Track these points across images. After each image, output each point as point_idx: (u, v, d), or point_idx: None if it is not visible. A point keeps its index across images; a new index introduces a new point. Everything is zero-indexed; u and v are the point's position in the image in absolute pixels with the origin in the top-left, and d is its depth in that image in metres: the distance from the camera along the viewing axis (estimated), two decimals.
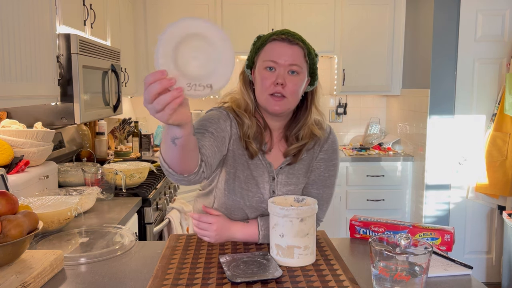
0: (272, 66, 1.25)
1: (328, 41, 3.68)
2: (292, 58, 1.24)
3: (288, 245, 1.13)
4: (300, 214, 1.12)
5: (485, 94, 3.20)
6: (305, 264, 1.14)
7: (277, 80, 1.23)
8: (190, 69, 0.87)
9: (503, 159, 3.04)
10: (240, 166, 1.32)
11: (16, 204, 1.15)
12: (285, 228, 1.13)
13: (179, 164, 1.04)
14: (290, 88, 1.24)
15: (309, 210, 1.14)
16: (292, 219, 1.12)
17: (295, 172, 1.35)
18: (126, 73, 3.17)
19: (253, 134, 1.30)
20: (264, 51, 1.27)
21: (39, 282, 1.06)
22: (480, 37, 3.15)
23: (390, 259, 0.93)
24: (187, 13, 3.61)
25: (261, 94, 1.27)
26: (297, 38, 1.28)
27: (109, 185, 2.15)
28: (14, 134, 1.92)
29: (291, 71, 1.25)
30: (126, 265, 1.21)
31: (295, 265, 1.14)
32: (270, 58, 1.25)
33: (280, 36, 1.26)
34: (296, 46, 1.26)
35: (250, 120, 1.30)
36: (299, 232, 1.13)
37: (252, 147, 1.30)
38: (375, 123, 4.13)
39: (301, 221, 1.12)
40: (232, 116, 1.32)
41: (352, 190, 3.58)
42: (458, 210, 3.32)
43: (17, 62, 1.56)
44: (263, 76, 1.26)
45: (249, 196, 1.32)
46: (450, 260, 1.18)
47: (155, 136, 3.92)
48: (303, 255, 1.14)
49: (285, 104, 1.26)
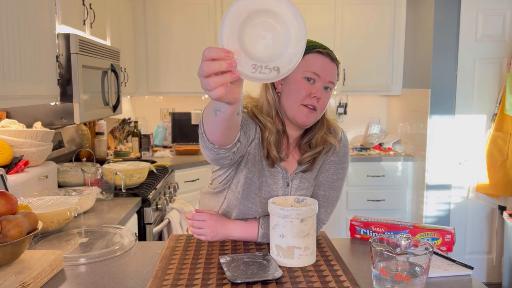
0: (313, 78, 1.23)
1: (328, 41, 3.68)
2: (332, 75, 1.25)
3: (288, 245, 1.13)
4: (300, 214, 1.12)
5: (486, 94, 3.20)
6: (305, 264, 1.14)
7: (315, 93, 1.22)
8: (257, 49, 0.79)
9: (504, 159, 3.04)
10: (257, 172, 1.29)
11: (16, 204, 1.15)
12: (286, 228, 1.12)
13: (214, 134, 1.02)
14: (323, 103, 1.25)
15: (310, 210, 1.13)
16: (293, 220, 1.12)
17: (307, 176, 1.34)
18: (125, 73, 3.16)
19: (274, 140, 1.28)
20: (306, 60, 1.23)
21: (39, 283, 1.06)
22: (480, 37, 3.15)
23: (391, 259, 0.92)
24: (187, 13, 3.61)
25: (294, 102, 1.24)
26: (335, 56, 1.28)
27: (108, 185, 2.15)
28: (13, 134, 1.92)
29: (326, 88, 1.25)
30: (126, 265, 1.21)
31: (295, 265, 1.14)
32: (313, 70, 1.23)
33: (324, 50, 1.25)
34: (335, 64, 1.27)
35: (272, 124, 1.28)
36: (300, 233, 1.12)
37: (273, 154, 1.27)
38: (375, 123, 4.12)
39: (302, 221, 1.12)
40: (251, 121, 1.28)
41: (352, 190, 3.58)
42: (459, 210, 3.32)
43: (17, 62, 1.55)
44: (301, 85, 1.23)
45: (262, 203, 1.30)
46: (450, 260, 1.17)
47: (155, 136, 3.91)
48: (303, 255, 1.13)
49: (314, 117, 1.26)
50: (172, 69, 3.67)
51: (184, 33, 3.63)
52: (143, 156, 3.48)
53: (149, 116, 4.08)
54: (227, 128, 0.99)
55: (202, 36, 3.62)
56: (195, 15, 3.62)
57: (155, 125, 4.03)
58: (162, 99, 4.07)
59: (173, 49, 3.65)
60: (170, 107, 4.08)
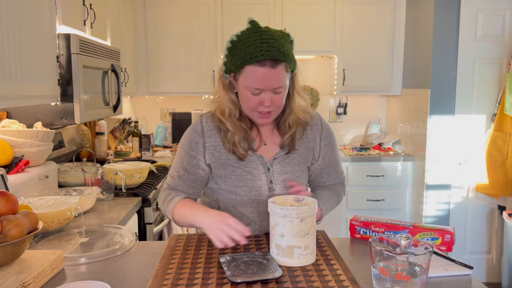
0: (257, 92, 1.23)
1: (328, 41, 3.68)
2: (276, 82, 1.21)
3: (288, 245, 1.13)
4: (300, 214, 1.12)
5: (485, 94, 3.20)
6: (305, 264, 1.14)
7: (264, 103, 1.23)
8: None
9: (504, 159, 3.04)
10: (230, 168, 1.35)
11: (16, 204, 1.15)
12: (285, 228, 1.13)
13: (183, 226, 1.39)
14: (277, 104, 1.26)
15: (309, 210, 1.14)
16: (292, 219, 1.12)
17: (290, 161, 1.38)
18: (126, 73, 3.17)
19: (239, 139, 1.32)
20: (245, 74, 1.21)
21: (39, 282, 1.06)
22: (480, 37, 3.15)
23: (390, 259, 0.93)
24: (187, 13, 3.61)
25: (248, 110, 1.30)
26: (278, 57, 1.17)
27: (109, 185, 2.15)
28: (14, 134, 1.92)
29: (274, 92, 1.24)
30: (126, 265, 1.21)
31: (295, 265, 1.14)
32: (254, 86, 1.21)
33: (262, 62, 1.17)
34: (279, 67, 1.19)
35: (234, 126, 1.32)
36: (299, 232, 1.13)
37: (239, 152, 1.32)
38: (375, 123, 4.13)
39: (301, 221, 1.12)
40: (207, 129, 1.36)
41: (352, 190, 3.58)
42: (459, 210, 3.32)
43: (17, 62, 1.56)
44: (248, 97, 1.25)
45: (246, 191, 1.35)
46: (450, 260, 1.18)
47: (155, 136, 3.92)
48: (303, 255, 1.14)
49: (272, 116, 1.31)
50: (172, 69, 3.67)
51: (184, 33, 3.63)
52: (144, 156, 3.49)
53: (149, 116, 4.08)
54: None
55: (202, 36, 3.63)
56: (195, 15, 3.62)
57: (155, 125, 4.04)
58: (162, 99, 4.08)
59: (173, 49, 3.65)
60: (170, 107, 4.08)
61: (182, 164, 1.38)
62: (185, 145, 1.39)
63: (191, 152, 1.37)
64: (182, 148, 1.39)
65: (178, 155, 1.41)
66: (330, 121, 4.17)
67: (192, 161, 1.37)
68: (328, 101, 4.16)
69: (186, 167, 1.37)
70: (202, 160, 1.36)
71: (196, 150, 1.36)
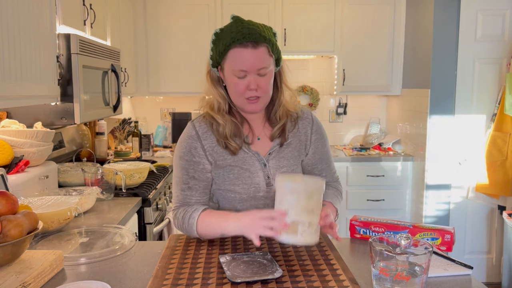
0: (242, 75, 1.25)
1: (328, 41, 3.68)
2: (260, 62, 1.24)
3: (292, 220, 1.10)
4: (308, 189, 1.11)
5: (485, 94, 3.20)
6: (308, 242, 1.12)
7: (250, 86, 1.26)
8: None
9: (504, 159, 3.04)
10: (228, 167, 1.35)
11: (16, 204, 1.15)
12: (291, 202, 1.10)
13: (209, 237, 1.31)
14: (263, 88, 1.28)
15: (318, 187, 1.13)
16: (300, 194, 1.10)
17: (285, 155, 1.39)
18: (126, 73, 3.17)
19: (230, 132, 1.33)
20: (230, 58, 1.25)
21: (39, 282, 1.06)
22: (480, 37, 3.15)
23: (390, 259, 0.93)
24: (187, 13, 3.61)
25: (237, 98, 1.31)
26: (259, 38, 1.23)
27: (109, 185, 2.15)
28: (14, 134, 1.92)
29: (260, 74, 1.26)
30: (126, 265, 1.21)
31: (298, 242, 1.11)
32: (238, 68, 1.25)
33: (243, 42, 1.22)
34: (260, 48, 1.24)
35: (224, 118, 1.33)
36: (305, 208, 1.10)
37: (231, 145, 1.33)
38: (375, 123, 4.13)
39: (309, 197, 1.10)
40: (202, 132, 1.35)
41: (352, 190, 3.58)
42: (458, 210, 3.32)
43: (17, 62, 1.56)
44: (234, 82, 1.27)
45: (245, 188, 1.36)
46: (450, 260, 1.18)
47: (155, 136, 3.92)
48: (307, 232, 1.11)
49: (261, 102, 1.31)
50: (172, 69, 3.67)
51: (184, 33, 3.63)
52: (143, 156, 3.49)
53: (150, 116, 4.08)
54: None
55: (202, 36, 3.63)
56: (195, 15, 3.62)
57: (155, 125, 4.04)
58: (163, 99, 4.08)
59: (173, 49, 3.65)
60: (170, 107, 4.08)
61: (189, 175, 1.34)
62: (184, 154, 1.35)
63: (194, 159, 1.34)
64: (181, 159, 1.36)
65: (179, 169, 1.36)
66: (330, 121, 4.17)
67: (198, 168, 1.34)
68: (328, 101, 4.16)
69: (194, 176, 1.34)
70: (207, 163, 1.35)
71: (198, 156, 1.35)
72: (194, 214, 1.30)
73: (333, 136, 4.19)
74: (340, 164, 3.51)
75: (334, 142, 4.19)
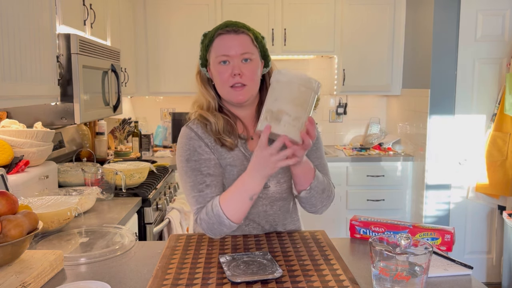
0: (225, 60, 1.28)
1: (328, 41, 3.68)
2: (242, 47, 1.28)
3: (279, 109, 1.07)
4: (303, 80, 1.08)
5: (485, 94, 3.20)
6: (288, 134, 1.08)
7: (233, 71, 1.27)
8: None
9: (504, 159, 3.04)
10: (227, 167, 1.34)
11: (16, 204, 1.15)
12: (282, 92, 1.08)
13: (242, 216, 1.23)
14: (247, 75, 1.28)
15: (312, 83, 1.10)
16: (292, 83, 1.07)
17: None
18: (126, 73, 3.17)
19: (222, 127, 1.33)
20: (214, 47, 1.30)
21: (39, 282, 1.06)
22: (480, 37, 3.15)
23: (390, 259, 0.93)
24: (187, 13, 3.61)
25: (222, 88, 1.31)
26: (241, 27, 1.30)
27: (109, 185, 2.15)
28: (14, 134, 1.92)
29: (244, 59, 1.28)
30: (126, 265, 1.21)
31: (278, 131, 1.08)
32: (221, 53, 1.28)
33: (225, 29, 1.29)
34: (242, 35, 1.29)
35: (215, 116, 1.34)
36: (295, 99, 1.07)
37: (227, 141, 1.32)
38: (375, 123, 4.13)
39: (301, 89, 1.08)
40: (200, 132, 1.34)
41: (352, 190, 3.58)
42: (458, 210, 3.32)
43: (17, 62, 1.56)
44: (219, 70, 1.29)
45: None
46: (450, 260, 1.18)
47: (155, 136, 3.92)
48: (291, 125, 1.08)
49: (247, 91, 1.30)
50: (172, 69, 3.67)
51: (184, 33, 3.63)
52: (143, 156, 3.49)
53: (150, 116, 4.08)
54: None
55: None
56: (195, 15, 3.62)
57: (155, 125, 4.04)
58: (163, 99, 4.08)
59: (173, 49, 3.66)
60: (170, 107, 4.08)
61: (204, 173, 1.29)
62: (191, 156, 1.31)
63: (203, 157, 1.31)
64: (189, 162, 1.31)
65: (190, 172, 1.30)
66: (330, 121, 4.17)
67: (210, 164, 1.30)
68: (328, 101, 4.16)
69: (209, 172, 1.29)
70: (215, 158, 1.32)
71: (205, 153, 1.31)
72: (214, 202, 1.23)
73: (333, 136, 4.19)
74: (340, 164, 3.51)
75: (334, 142, 4.20)
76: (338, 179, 3.54)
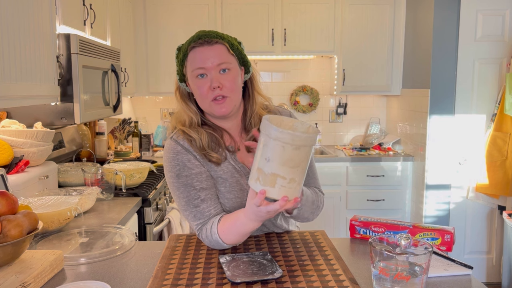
0: (202, 73, 1.24)
1: (328, 41, 3.68)
2: (217, 58, 1.23)
3: (272, 172, 0.97)
4: (296, 140, 0.95)
5: (485, 94, 3.20)
6: (285, 196, 1.00)
7: (212, 84, 1.23)
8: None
9: (503, 159, 3.04)
10: (219, 180, 1.30)
11: (16, 204, 1.15)
12: (274, 152, 0.96)
13: (238, 242, 1.24)
14: (228, 86, 1.24)
15: (308, 139, 0.97)
16: (285, 145, 0.95)
17: None
18: (126, 73, 3.17)
19: (207, 143, 1.28)
20: (189, 61, 1.26)
21: (39, 282, 1.06)
22: (480, 37, 3.15)
23: (390, 259, 0.93)
24: (187, 13, 3.61)
25: (203, 102, 1.27)
26: (214, 37, 1.25)
27: (109, 185, 2.15)
28: (14, 134, 1.92)
29: (222, 70, 1.24)
30: (126, 265, 1.21)
31: (273, 195, 1.00)
32: (197, 66, 1.23)
33: (198, 41, 1.24)
34: (216, 45, 1.25)
35: (198, 132, 1.29)
36: (289, 161, 0.96)
37: (213, 156, 1.28)
38: (375, 123, 4.13)
39: (295, 149, 0.96)
40: (187, 146, 1.29)
41: (352, 190, 3.58)
42: (458, 210, 3.32)
43: (17, 62, 1.56)
44: (197, 85, 1.25)
45: (238, 202, 1.31)
46: (450, 260, 1.18)
47: (155, 136, 3.92)
48: (286, 187, 0.99)
49: (229, 103, 1.26)
50: (172, 69, 3.67)
51: (184, 33, 3.63)
52: (143, 156, 3.49)
53: (150, 116, 4.08)
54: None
55: None
56: (195, 15, 3.62)
57: (155, 125, 4.04)
58: (163, 99, 4.08)
59: (173, 49, 3.65)
60: (170, 107, 4.08)
61: (197, 188, 1.26)
62: (181, 171, 1.27)
63: (194, 171, 1.27)
64: (180, 177, 1.27)
65: (182, 188, 1.27)
66: (330, 121, 4.17)
67: (202, 176, 1.27)
68: (328, 101, 4.16)
69: (203, 186, 1.26)
70: (206, 170, 1.29)
71: (196, 166, 1.27)
72: (213, 230, 1.22)
73: (333, 136, 4.19)
74: (340, 164, 3.51)
75: (334, 142, 4.20)
76: (338, 179, 3.54)
